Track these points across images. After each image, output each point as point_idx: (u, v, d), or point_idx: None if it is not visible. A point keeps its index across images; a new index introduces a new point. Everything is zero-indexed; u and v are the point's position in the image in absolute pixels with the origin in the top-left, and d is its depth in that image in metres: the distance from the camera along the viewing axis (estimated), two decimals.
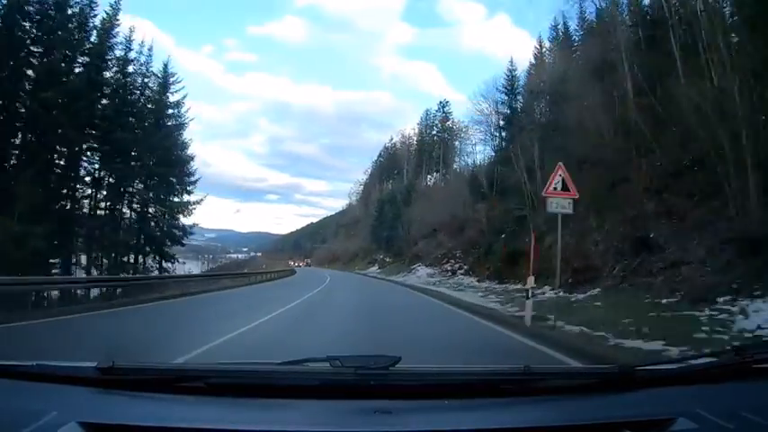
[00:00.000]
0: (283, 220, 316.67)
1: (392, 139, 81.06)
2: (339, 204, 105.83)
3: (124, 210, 27.57)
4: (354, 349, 3.45)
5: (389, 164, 76.82)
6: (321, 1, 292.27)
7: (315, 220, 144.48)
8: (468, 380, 1.62)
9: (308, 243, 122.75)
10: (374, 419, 1.32)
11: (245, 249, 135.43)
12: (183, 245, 30.99)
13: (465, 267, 31.69)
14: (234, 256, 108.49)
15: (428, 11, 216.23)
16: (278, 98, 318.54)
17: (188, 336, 7.83)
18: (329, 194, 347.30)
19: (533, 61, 37.48)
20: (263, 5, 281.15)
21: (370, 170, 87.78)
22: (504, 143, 37.78)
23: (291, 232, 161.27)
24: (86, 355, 1.70)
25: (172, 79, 29.82)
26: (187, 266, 35.31)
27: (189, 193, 30.15)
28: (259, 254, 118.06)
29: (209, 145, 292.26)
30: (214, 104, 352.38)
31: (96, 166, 25.76)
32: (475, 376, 1.67)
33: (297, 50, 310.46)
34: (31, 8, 21.35)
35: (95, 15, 24.38)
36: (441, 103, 69.01)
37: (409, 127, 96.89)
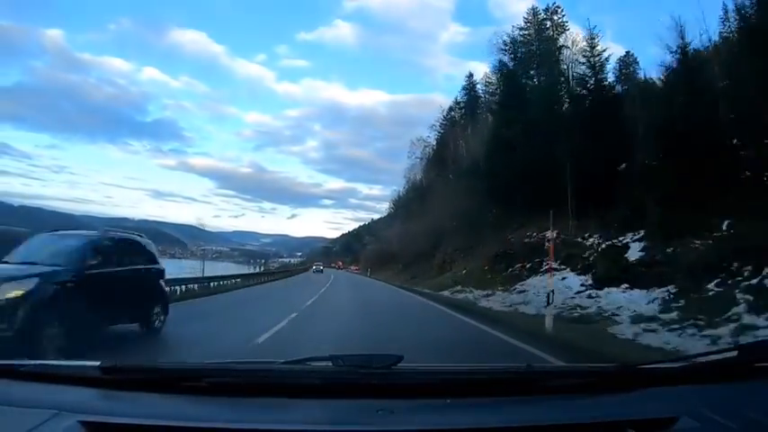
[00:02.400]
0: (340, 225, 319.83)
1: (471, 77, 50.66)
2: None
3: None
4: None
5: (471, 109, 47.86)
6: (370, 4, 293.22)
7: (367, 222, 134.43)
8: (471, 379, 1.62)
9: (358, 244, 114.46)
10: (376, 419, 1.32)
11: (299, 254, 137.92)
12: None
13: None
14: (287, 260, 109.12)
15: (479, 9, 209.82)
16: (331, 103, 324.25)
17: None
18: (385, 198, 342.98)
19: None
20: (312, 11, 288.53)
21: (439, 124, 56.38)
22: None
23: (343, 234, 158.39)
24: None
25: None
26: None
27: None
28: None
29: (265, 152, 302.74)
30: (268, 112, 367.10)
31: None
32: (477, 375, 1.67)
33: (348, 55, 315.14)
34: None
35: None
36: (548, 7, 36.77)
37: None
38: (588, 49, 28.02)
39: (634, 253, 15.52)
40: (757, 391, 1.42)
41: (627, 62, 31.42)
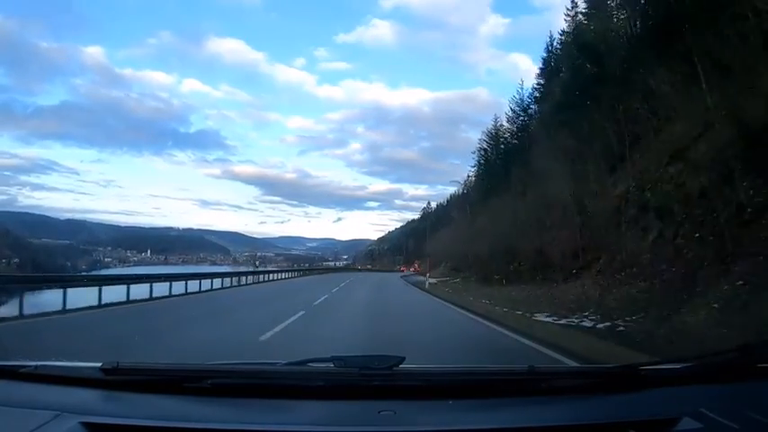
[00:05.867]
0: (386, 226, 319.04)
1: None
2: None
3: None
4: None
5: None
6: (407, 1, 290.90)
7: (416, 216, 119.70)
8: (472, 380, 1.61)
9: (411, 241, 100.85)
10: (378, 419, 1.32)
11: (344, 257, 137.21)
12: None
13: None
14: (331, 263, 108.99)
15: None
16: (373, 104, 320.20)
17: None
18: (431, 199, 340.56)
19: None
20: (349, 12, 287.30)
21: None
22: None
23: (390, 232, 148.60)
24: None
25: None
26: None
27: None
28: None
29: (309, 157, 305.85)
30: (310, 117, 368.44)
31: None
32: (479, 376, 1.66)
33: (388, 54, 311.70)
34: None
35: None
36: None
37: None
38: None
39: None
40: (759, 392, 1.42)
41: None
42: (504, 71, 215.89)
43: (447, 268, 46.91)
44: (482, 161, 45.74)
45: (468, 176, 52.11)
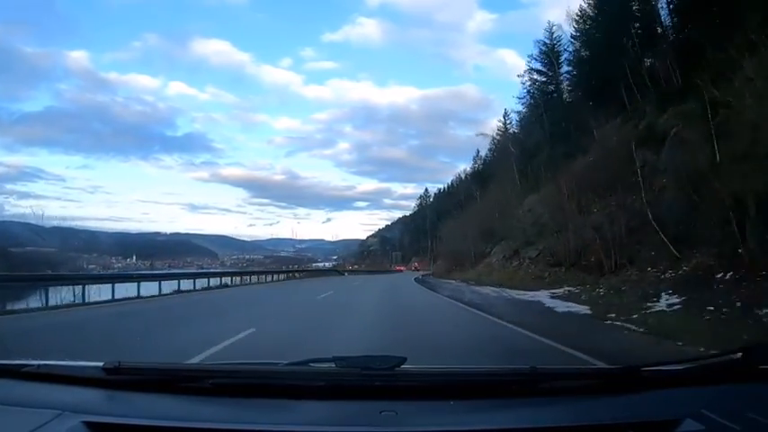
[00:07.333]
0: (375, 225, 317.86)
1: None
2: None
3: None
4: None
5: None
6: None
7: (407, 212, 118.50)
8: (474, 380, 1.61)
9: (406, 238, 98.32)
10: (379, 420, 1.32)
11: (334, 257, 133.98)
12: None
13: None
14: (320, 264, 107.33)
15: None
16: (361, 103, 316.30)
17: None
18: (420, 197, 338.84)
19: None
20: (335, 11, 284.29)
21: None
22: None
23: (380, 230, 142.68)
24: None
25: None
26: None
27: None
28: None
29: (297, 158, 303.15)
30: (298, 117, 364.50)
31: None
32: (480, 377, 1.67)
33: (375, 52, 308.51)
34: None
35: None
36: None
37: None
38: None
39: None
40: (761, 394, 1.41)
41: None
42: (491, 67, 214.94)
43: (542, 264, 23.49)
44: (533, 92, 34.95)
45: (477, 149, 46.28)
